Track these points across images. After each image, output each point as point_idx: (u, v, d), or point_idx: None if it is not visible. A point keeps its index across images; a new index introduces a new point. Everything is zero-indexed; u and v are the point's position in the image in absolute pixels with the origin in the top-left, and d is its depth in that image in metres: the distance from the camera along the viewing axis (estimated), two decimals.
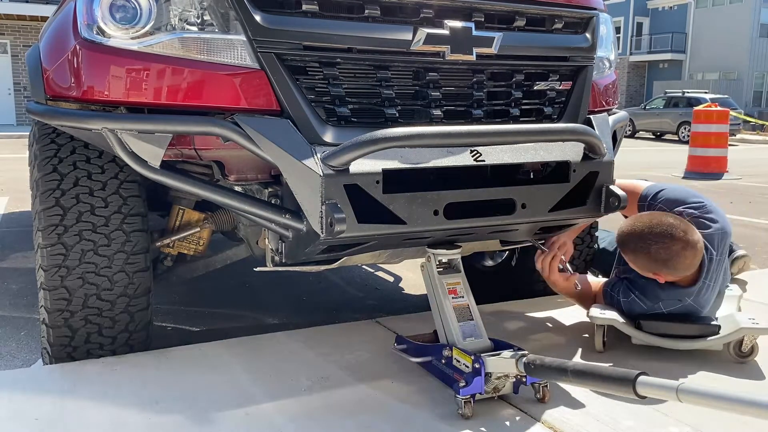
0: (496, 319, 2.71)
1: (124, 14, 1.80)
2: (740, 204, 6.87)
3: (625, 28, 35.51)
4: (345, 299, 3.51)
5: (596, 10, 2.26)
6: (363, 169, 1.74)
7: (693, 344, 2.29)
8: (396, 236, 1.90)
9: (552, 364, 1.80)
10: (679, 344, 2.30)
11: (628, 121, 2.72)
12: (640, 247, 2.24)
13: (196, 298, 3.43)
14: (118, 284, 2.17)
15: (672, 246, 2.19)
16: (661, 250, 2.20)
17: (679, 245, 2.19)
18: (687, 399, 1.48)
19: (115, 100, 1.84)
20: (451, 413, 1.89)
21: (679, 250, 2.19)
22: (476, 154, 1.92)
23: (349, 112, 1.87)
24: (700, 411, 1.88)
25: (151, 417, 1.86)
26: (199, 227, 2.53)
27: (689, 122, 13.69)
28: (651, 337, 2.32)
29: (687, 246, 2.19)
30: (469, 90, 2.04)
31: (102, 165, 2.16)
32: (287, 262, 2.07)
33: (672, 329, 2.31)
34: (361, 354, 2.34)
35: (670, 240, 2.19)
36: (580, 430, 1.82)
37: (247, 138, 1.77)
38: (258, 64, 1.78)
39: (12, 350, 2.69)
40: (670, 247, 2.19)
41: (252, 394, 2.01)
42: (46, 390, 2.01)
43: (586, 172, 2.07)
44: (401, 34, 1.87)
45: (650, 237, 2.22)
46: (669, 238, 2.19)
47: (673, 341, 2.30)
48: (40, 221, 2.09)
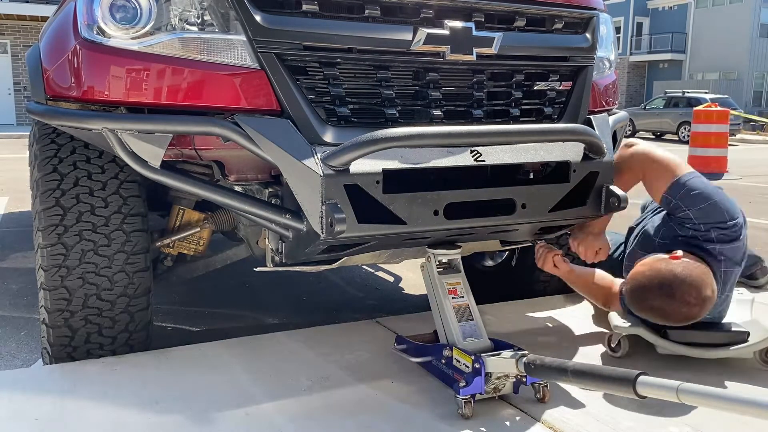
0: (496, 319, 2.71)
1: (124, 14, 1.80)
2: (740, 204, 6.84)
3: (625, 28, 35.51)
4: (345, 299, 3.51)
5: (596, 10, 2.26)
6: (363, 169, 1.74)
7: (722, 353, 2.22)
8: (396, 236, 1.90)
9: (552, 364, 1.80)
10: (708, 353, 2.22)
11: (628, 121, 2.71)
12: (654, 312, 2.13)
13: (196, 298, 3.43)
14: (118, 284, 2.17)
15: (689, 311, 2.07)
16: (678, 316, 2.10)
17: (696, 309, 2.07)
18: (687, 399, 1.48)
19: (116, 100, 1.84)
20: (451, 413, 1.89)
21: (696, 312, 2.08)
22: (476, 154, 1.92)
23: (349, 112, 1.87)
24: (700, 411, 1.88)
25: (151, 417, 1.86)
26: (199, 227, 2.53)
27: (689, 122, 13.69)
28: (678, 346, 2.24)
29: (704, 306, 2.08)
30: (469, 90, 2.04)
31: (102, 165, 2.16)
32: (287, 262, 2.07)
33: (699, 337, 2.23)
34: (361, 354, 2.34)
35: (688, 306, 2.06)
36: (580, 430, 1.82)
37: (247, 138, 1.77)
38: (258, 64, 1.78)
39: (12, 350, 2.69)
40: (687, 312, 2.08)
41: (252, 394, 2.01)
42: (46, 390, 2.01)
43: (586, 172, 2.07)
44: (401, 34, 1.87)
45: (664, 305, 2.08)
46: (685, 304, 2.06)
47: (701, 350, 2.23)
48: (40, 221, 2.09)
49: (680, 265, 2.10)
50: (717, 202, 2.24)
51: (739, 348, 2.22)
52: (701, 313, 2.09)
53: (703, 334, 2.25)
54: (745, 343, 2.22)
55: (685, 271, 2.08)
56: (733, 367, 2.25)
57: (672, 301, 2.06)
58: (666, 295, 2.07)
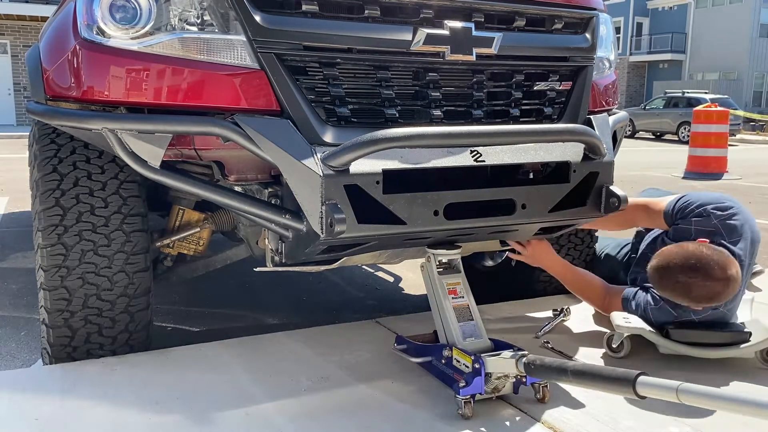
0: (496, 319, 2.71)
1: (124, 14, 1.80)
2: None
3: (625, 28, 35.51)
4: (345, 299, 3.51)
5: (596, 11, 2.26)
6: (363, 170, 1.74)
7: (724, 352, 2.23)
8: (396, 236, 1.91)
9: (552, 364, 1.80)
10: (710, 353, 2.23)
11: (628, 121, 2.71)
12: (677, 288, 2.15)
13: (196, 298, 3.43)
14: (118, 284, 2.17)
15: (713, 287, 2.10)
16: (701, 291, 2.11)
17: (720, 285, 2.09)
18: (687, 399, 1.48)
19: (115, 100, 1.84)
20: (451, 413, 1.89)
21: (720, 289, 2.10)
22: (476, 154, 1.92)
23: (349, 112, 1.87)
24: (700, 411, 1.88)
25: (151, 417, 1.86)
26: (199, 227, 2.53)
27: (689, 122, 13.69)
28: (680, 345, 2.25)
29: (728, 284, 2.10)
30: (469, 90, 2.04)
31: (102, 165, 2.16)
32: (287, 262, 2.07)
33: (702, 337, 2.24)
34: (361, 354, 2.34)
35: (712, 280, 2.09)
36: (580, 430, 1.82)
37: (247, 138, 1.77)
38: (258, 64, 1.78)
39: (12, 350, 2.69)
40: (711, 288, 2.10)
41: (252, 394, 2.01)
42: (46, 390, 2.01)
43: (586, 173, 2.07)
44: (401, 34, 1.87)
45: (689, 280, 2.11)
46: (709, 278, 2.09)
47: (703, 350, 2.23)
48: (40, 221, 2.09)
49: (707, 246, 2.17)
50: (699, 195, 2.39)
51: (741, 348, 2.22)
52: (725, 293, 2.11)
53: (704, 334, 2.25)
54: (747, 343, 2.22)
55: (711, 251, 2.14)
56: (735, 366, 2.25)
57: (697, 276, 2.09)
58: (691, 269, 2.10)
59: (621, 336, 2.31)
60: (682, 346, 2.26)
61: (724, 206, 2.32)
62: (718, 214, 2.30)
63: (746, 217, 2.35)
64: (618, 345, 2.32)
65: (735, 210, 2.33)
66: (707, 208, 2.31)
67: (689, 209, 2.34)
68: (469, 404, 1.86)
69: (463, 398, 1.86)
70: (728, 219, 2.29)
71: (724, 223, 2.28)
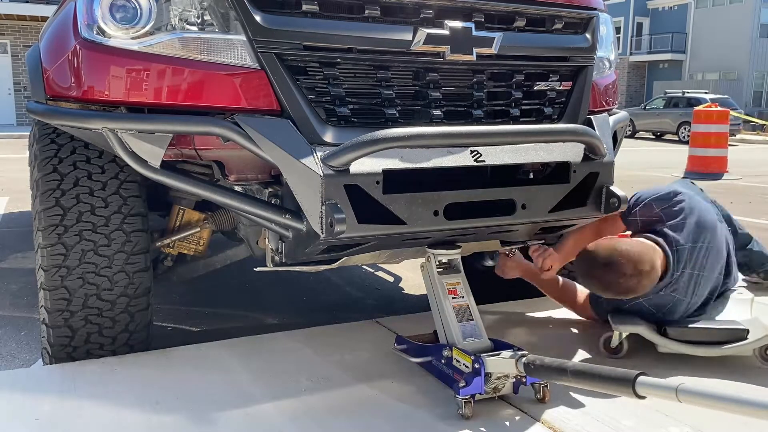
0: (496, 319, 2.72)
1: (124, 14, 1.80)
2: (740, 204, 6.87)
3: (625, 28, 35.49)
4: (345, 299, 3.51)
5: (596, 11, 2.26)
6: (363, 170, 1.74)
7: (722, 350, 2.24)
8: (396, 237, 1.90)
9: (552, 364, 1.80)
10: (708, 351, 2.25)
11: (629, 121, 2.71)
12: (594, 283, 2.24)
13: (196, 298, 3.43)
14: (119, 284, 2.17)
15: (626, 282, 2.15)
16: (615, 286, 2.17)
17: (632, 280, 2.15)
18: (687, 399, 1.48)
19: (116, 100, 1.84)
20: (451, 413, 1.89)
21: (633, 284, 2.16)
22: (476, 154, 1.92)
23: (350, 112, 1.87)
24: (700, 411, 1.88)
25: (151, 417, 1.86)
26: (199, 227, 2.53)
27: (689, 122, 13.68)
28: (678, 344, 2.27)
29: (641, 278, 2.15)
30: (469, 90, 2.04)
31: (102, 165, 2.16)
32: (287, 262, 2.07)
33: (699, 335, 2.26)
34: (361, 354, 2.34)
35: (623, 276, 2.14)
36: (580, 430, 1.82)
37: (248, 138, 1.77)
38: (258, 64, 1.78)
39: (12, 350, 2.69)
40: (623, 284, 2.16)
41: (252, 394, 2.01)
42: (46, 390, 2.01)
43: (586, 173, 2.07)
44: (401, 34, 1.87)
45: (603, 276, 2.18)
46: (621, 275, 2.14)
47: (701, 348, 2.26)
48: (40, 221, 2.09)
49: (624, 242, 2.25)
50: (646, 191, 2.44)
51: (739, 345, 2.23)
52: (640, 286, 2.17)
53: (702, 332, 2.27)
54: (745, 341, 2.23)
55: (625, 246, 2.20)
56: (734, 366, 2.25)
57: (609, 272, 2.16)
58: (604, 266, 2.17)
59: (619, 336, 2.31)
60: (680, 345, 2.27)
61: (667, 196, 2.38)
62: (660, 202, 2.36)
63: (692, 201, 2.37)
64: (616, 346, 2.33)
65: (680, 197, 2.37)
66: (650, 199, 2.38)
67: (636, 204, 2.40)
68: (469, 404, 1.86)
69: (463, 398, 1.86)
70: (670, 206, 2.34)
71: (666, 210, 2.34)
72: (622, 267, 2.14)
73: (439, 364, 2.08)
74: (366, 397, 2.00)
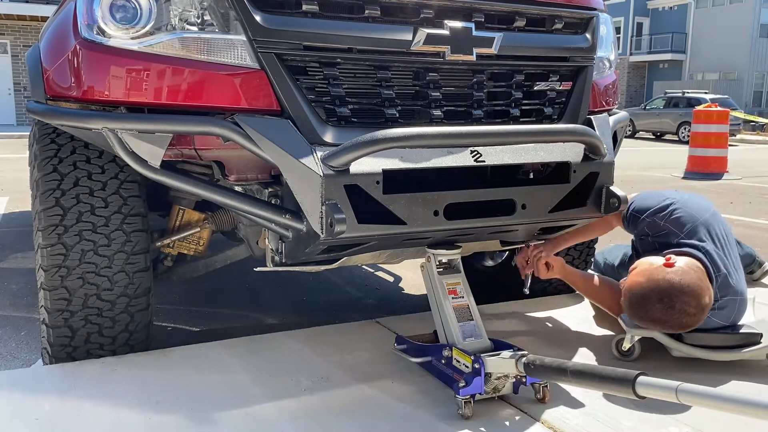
0: (496, 319, 2.71)
1: (124, 14, 1.80)
2: (740, 204, 6.87)
3: (625, 28, 35.49)
4: (345, 299, 3.51)
5: (596, 11, 2.26)
6: (363, 170, 1.74)
7: (736, 355, 2.23)
8: (396, 237, 1.90)
9: (552, 364, 1.80)
10: (722, 355, 2.23)
11: (629, 121, 2.71)
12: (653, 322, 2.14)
13: (196, 298, 3.43)
14: (118, 284, 2.17)
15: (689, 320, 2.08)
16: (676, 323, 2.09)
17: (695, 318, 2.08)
18: (687, 399, 1.48)
19: (116, 100, 1.84)
20: (451, 413, 1.89)
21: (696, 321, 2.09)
22: (476, 154, 1.92)
23: (350, 112, 1.87)
24: (700, 411, 1.88)
25: (151, 417, 1.86)
26: (199, 227, 2.53)
27: (689, 122, 13.69)
28: (693, 348, 2.24)
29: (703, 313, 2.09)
30: (470, 90, 2.04)
31: (102, 165, 2.16)
32: (287, 262, 2.07)
33: (714, 340, 2.24)
34: (361, 354, 2.34)
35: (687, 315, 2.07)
36: (580, 430, 1.82)
37: (248, 138, 1.77)
38: (258, 64, 1.78)
39: (12, 350, 2.69)
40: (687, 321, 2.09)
41: (252, 394, 2.01)
42: (46, 390, 2.01)
43: (586, 173, 2.07)
44: (401, 34, 1.87)
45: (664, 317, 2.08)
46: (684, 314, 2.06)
47: (715, 353, 2.23)
48: (40, 221, 2.09)
49: (677, 273, 2.10)
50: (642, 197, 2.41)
51: (753, 350, 2.23)
52: (700, 321, 2.11)
53: (717, 337, 2.25)
54: (759, 345, 2.23)
55: (683, 280, 2.08)
56: (747, 368, 2.25)
57: (672, 312, 2.07)
58: (666, 306, 2.07)
59: (632, 339, 2.29)
60: (695, 349, 2.25)
61: (663, 206, 2.33)
62: (661, 215, 2.31)
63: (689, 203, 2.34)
64: (628, 348, 2.31)
65: (674, 204, 2.33)
66: (650, 215, 2.32)
67: (638, 223, 2.35)
68: (469, 404, 1.86)
69: (463, 398, 1.86)
70: (672, 215, 2.30)
71: (671, 221, 2.29)
72: (685, 306, 2.06)
73: (439, 364, 2.08)
74: (366, 397, 2.00)
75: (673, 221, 2.30)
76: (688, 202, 2.36)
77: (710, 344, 2.25)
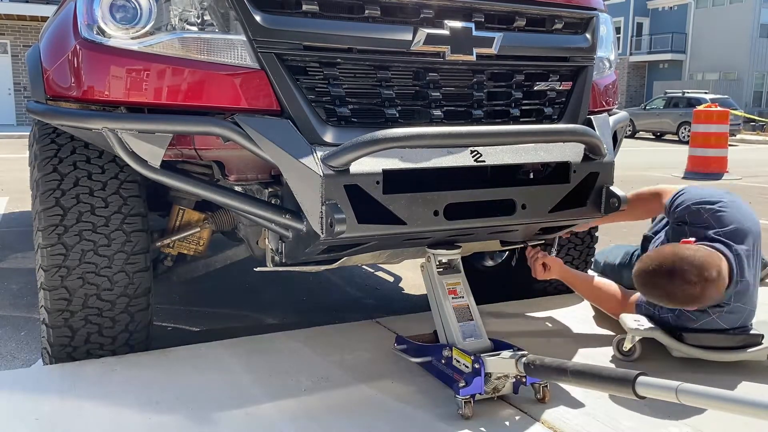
0: (496, 319, 2.71)
1: (124, 14, 1.80)
2: None
3: (625, 28, 35.49)
4: (345, 299, 3.51)
5: (596, 11, 2.26)
6: (363, 170, 1.74)
7: (737, 356, 2.22)
8: (396, 237, 1.90)
9: (552, 364, 1.80)
10: (723, 356, 2.23)
11: (629, 121, 2.71)
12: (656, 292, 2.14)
13: (196, 298, 3.43)
14: (119, 284, 2.17)
15: (689, 290, 2.06)
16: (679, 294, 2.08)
17: (696, 288, 2.06)
18: (687, 399, 1.48)
19: (116, 100, 1.84)
20: (451, 413, 1.89)
21: (698, 292, 2.06)
22: (476, 154, 1.92)
23: (350, 112, 1.87)
24: (700, 411, 1.88)
25: (151, 417, 1.86)
26: (199, 227, 2.53)
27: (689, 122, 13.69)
28: (694, 349, 2.24)
29: (706, 286, 2.06)
30: (470, 90, 2.04)
31: (102, 165, 2.16)
32: (287, 262, 2.07)
33: (714, 341, 2.24)
34: (361, 354, 2.34)
35: (687, 284, 2.05)
36: (580, 430, 1.82)
37: (248, 138, 1.77)
38: (258, 64, 1.78)
39: (12, 350, 2.69)
40: (687, 291, 2.07)
41: (252, 394, 2.01)
42: (46, 390, 2.01)
43: (586, 173, 2.07)
44: (401, 34, 1.87)
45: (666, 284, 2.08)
46: (685, 282, 2.05)
47: (716, 353, 2.23)
48: (40, 221, 2.09)
49: (687, 248, 2.13)
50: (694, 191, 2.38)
51: (754, 351, 2.22)
52: (705, 294, 2.08)
53: (718, 338, 2.24)
54: (760, 346, 2.22)
55: (689, 252, 2.10)
56: (744, 367, 2.25)
57: (673, 280, 2.07)
58: (668, 274, 2.07)
59: (633, 339, 2.28)
60: (696, 350, 2.24)
61: (712, 200, 2.30)
62: (707, 208, 2.28)
63: (738, 207, 2.32)
64: (629, 348, 2.30)
65: (724, 202, 2.30)
66: (696, 204, 2.31)
67: (681, 208, 2.33)
68: (469, 404, 1.86)
69: (463, 398, 1.86)
70: (717, 212, 2.27)
71: (714, 216, 2.26)
72: (686, 274, 2.05)
73: (439, 364, 2.08)
74: (366, 397, 2.00)
75: (717, 217, 2.26)
76: (738, 206, 2.33)
77: (711, 345, 2.24)
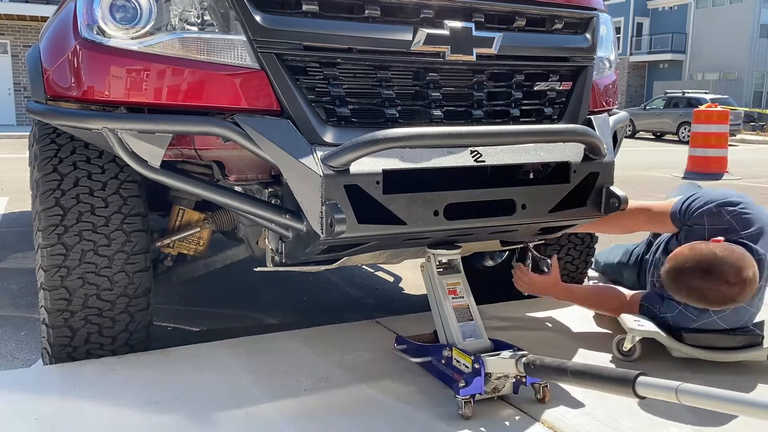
0: (496, 319, 2.71)
1: (124, 14, 1.80)
2: None
3: (625, 28, 35.50)
4: (345, 299, 3.51)
5: (596, 11, 2.26)
6: (363, 170, 1.74)
7: (737, 356, 2.22)
8: (396, 237, 1.90)
9: (552, 364, 1.80)
10: (723, 356, 2.22)
11: (629, 121, 2.71)
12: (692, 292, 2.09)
13: (196, 298, 3.43)
14: (118, 284, 2.17)
15: (728, 291, 2.03)
16: (717, 295, 2.05)
17: (735, 289, 2.03)
18: (687, 399, 1.48)
19: (116, 100, 1.84)
20: (451, 413, 1.89)
21: (736, 293, 2.03)
22: (476, 154, 1.92)
23: (350, 112, 1.87)
24: (701, 411, 1.88)
25: (151, 417, 1.86)
26: (199, 227, 2.53)
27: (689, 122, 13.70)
28: (694, 349, 2.24)
29: (744, 286, 2.03)
30: (470, 90, 2.04)
31: (102, 165, 2.16)
32: (287, 262, 2.07)
33: (715, 341, 2.23)
34: (361, 354, 2.34)
35: (727, 284, 2.02)
36: (580, 430, 1.82)
37: (248, 138, 1.77)
38: (258, 64, 1.78)
39: (12, 350, 2.69)
40: (726, 292, 2.04)
41: (252, 394, 2.01)
42: (46, 390, 2.01)
43: (586, 173, 2.07)
44: (401, 34, 1.87)
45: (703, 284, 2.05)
46: (724, 282, 2.02)
47: (716, 353, 2.22)
48: (40, 221, 2.09)
49: (721, 246, 2.09)
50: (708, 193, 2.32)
51: (754, 351, 2.22)
52: (741, 295, 2.05)
53: (718, 338, 2.24)
54: (760, 346, 2.22)
55: (726, 252, 2.06)
56: (744, 367, 2.25)
57: (711, 280, 2.03)
58: (705, 273, 2.04)
59: (633, 339, 2.28)
60: (696, 350, 2.24)
61: (733, 201, 2.25)
62: (729, 209, 2.22)
63: (759, 209, 2.28)
64: (629, 348, 2.29)
65: (745, 204, 2.26)
66: (717, 206, 2.24)
67: (698, 209, 2.27)
68: (469, 404, 1.86)
69: (463, 398, 1.86)
70: (740, 213, 2.22)
71: (738, 218, 2.21)
72: (725, 274, 2.01)
73: (439, 364, 2.08)
74: (366, 397, 2.00)
75: (740, 219, 2.21)
76: (757, 207, 2.29)
77: (711, 345, 2.24)
